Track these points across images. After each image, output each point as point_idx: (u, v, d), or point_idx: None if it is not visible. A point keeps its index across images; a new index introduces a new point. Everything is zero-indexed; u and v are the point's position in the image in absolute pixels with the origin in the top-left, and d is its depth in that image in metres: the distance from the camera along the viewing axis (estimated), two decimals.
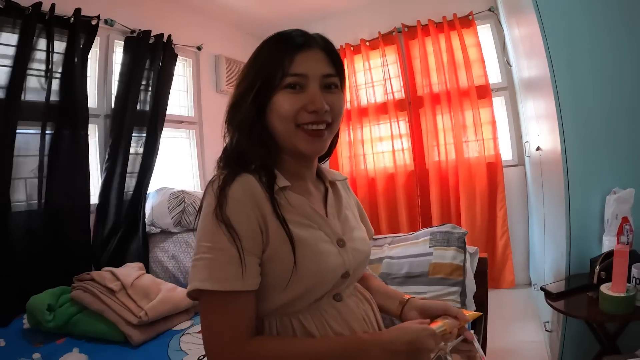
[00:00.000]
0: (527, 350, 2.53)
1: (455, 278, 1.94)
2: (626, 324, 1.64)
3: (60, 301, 1.88)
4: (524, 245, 3.57)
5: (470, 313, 1.07)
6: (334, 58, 0.94)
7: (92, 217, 2.54)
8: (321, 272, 0.88)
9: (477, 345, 1.00)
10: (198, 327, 1.87)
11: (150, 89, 2.88)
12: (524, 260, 3.58)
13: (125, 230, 2.63)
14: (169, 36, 3.05)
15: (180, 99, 3.48)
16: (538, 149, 2.50)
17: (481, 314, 1.06)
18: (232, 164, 0.92)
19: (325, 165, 1.12)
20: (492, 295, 2.41)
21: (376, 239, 2.33)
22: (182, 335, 1.81)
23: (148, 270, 2.40)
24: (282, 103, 0.88)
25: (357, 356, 0.84)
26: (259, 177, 0.88)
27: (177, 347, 1.71)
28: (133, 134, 2.74)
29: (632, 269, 1.52)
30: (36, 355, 1.64)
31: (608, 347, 1.67)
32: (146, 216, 2.69)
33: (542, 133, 2.39)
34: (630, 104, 1.75)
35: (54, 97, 2.33)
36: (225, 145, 0.96)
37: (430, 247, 2.08)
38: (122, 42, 2.85)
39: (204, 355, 1.56)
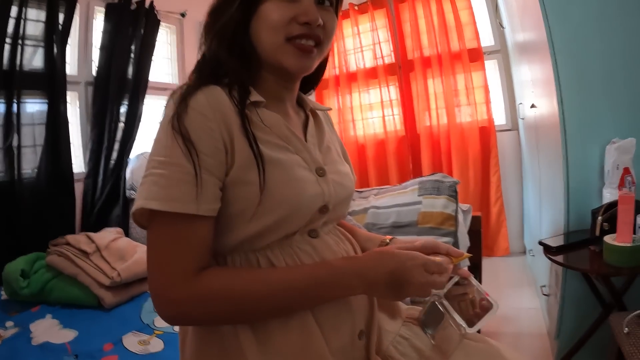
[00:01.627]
0: (524, 317, 2.48)
1: (446, 228, 1.84)
2: (633, 278, 1.55)
3: (35, 267, 1.82)
4: (518, 212, 3.51)
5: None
6: None
7: (79, 186, 2.50)
8: (295, 200, 0.75)
9: (475, 282, 0.89)
10: None
11: (132, 56, 2.81)
12: (519, 228, 3.53)
13: (106, 197, 2.58)
14: (151, 2, 2.94)
15: (164, 66, 3.39)
16: (533, 106, 2.41)
17: (471, 255, 0.95)
18: (204, 76, 0.80)
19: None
20: (487, 263, 2.35)
21: (361, 191, 2.24)
22: None
23: (128, 235, 2.34)
24: (271, 11, 0.78)
25: (329, 285, 0.74)
26: (229, 91, 0.76)
27: (150, 308, 1.65)
28: (116, 102, 2.68)
29: (638, 218, 1.42)
30: (9, 324, 1.59)
31: (614, 304, 1.57)
32: (126, 181, 2.62)
33: (536, 87, 2.31)
34: (628, 53, 1.66)
35: (35, 64, 2.26)
36: (200, 56, 0.85)
37: (419, 195, 1.99)
38: (103, 9, 2.75)
39: None
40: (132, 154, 2.76)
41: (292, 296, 0.73)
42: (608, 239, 1.43)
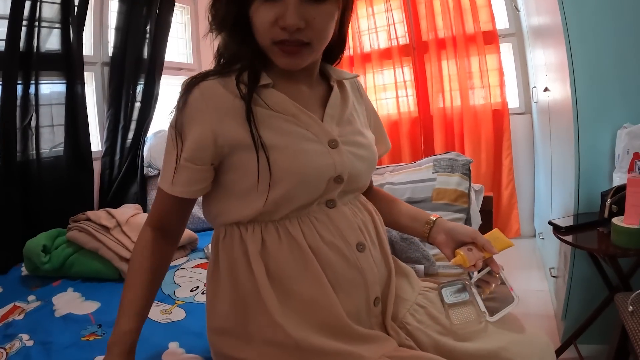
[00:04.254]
0: (532, 299, 2.51)
1: (460, 205, 1.87)
2: None
3: (56, 243, 1.84)
4: (529, 196, 3.51)
5: (503, 241, 0.99)
6: None
7: (97, 164, 2.55)
8: (302, 171, 0.80)
9: (503, 276, 0.93)
10: (193, 262, 1.85)
11: (147, 37, 2.82)
12: (529, 211, 3.53)
13: (124, 175, 2.62)
14: None
15: (179, 46, 3.41)
16: (546, 89, 2.41)
17: (513, 244, 0.98)
18: (222, 64, 0.88)
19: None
20: None
21: (377, 168, 2.27)
22: (177, 270, 1.78)
23: (145, 211, 2.35)
24: (256, 14, 0.78)
25: None
26: (238, 76, 0.82)
27: (170, 280, 1.69)
28: (132, 82, 2.71)
29: None
30: (31, 298, 1.62)
31: (621, 287, 1.59)
32: (144, 159, 2.66)
33: (550, 72, 2.30)
34: None
35: (52, 46, 2.27)
36: (218, 45, 0.89)
37: (433, 172, 2.01)
38: None
39: (196, 287, 1.58)
40: (150, 133, 2.79)
41: None
42: (616, 220, 1.45)
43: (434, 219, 1.03)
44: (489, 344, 0.87)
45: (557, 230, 1.67)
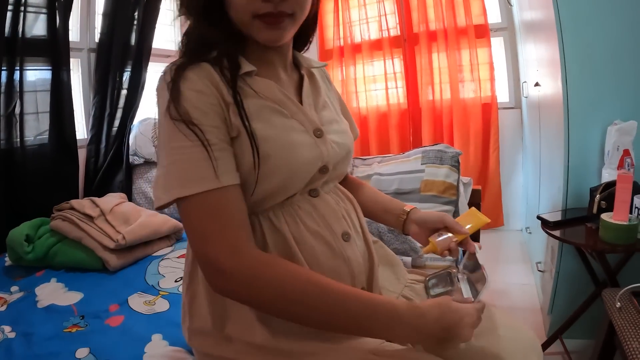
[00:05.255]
0: (518, 292, 2.54)
1: (448, 197, 1.87)
2: (628, 258, 1.59)
3: (40, 232, 1.80)
4: (516, 190, 3.54)
5: (479, 218, 0.96)
6: None
7: (82, 152, 2.48)
8: (293, 165, 0.78)
9: (477, 256, 0.90)
10: (178, 252, 1.83)
11: (135, 23, 2.75)
12: (516, 205, 3.55)
13: (109, 164, 2.58)
14: None
15: (166, 33, 3.34)
16: (537, 84, 2.41)
17: (489, 220, 0.96)
18: (191, 51, 0.80)
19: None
20: (484, 239, 2.39)
21: (365, 159, 2.27)
22: (162, 260, 1.76)
23: (131, 201, 2.35)
24: None
25: (382, 326, 0.71)
26: (220, 66, 0.77)
27: (155, 271, 1.67)
28: (119, 69, 2.65)
29: (635, 199, 1.46)
30: (14, 289, 1.59)
31: (607, 282, 1.61)
32: (129, 147, 2.62)
33: (541, 67, 2.31)
34: (635, 37, 1.67)
35: (38, 32, 2.20)
36: (185, 30, 0.83)
37: (422, 164, 2.01)
38: None
39: (181, 278, 1.51)
40: (136, 121, 2.74)
41: (339, 313, 0.70)
42: (605, 216, 1.47)
43: (408, 209, 1.01)
44: (475, 339, 0.86)
45: (546, 224, 1.68)
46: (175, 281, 1.57)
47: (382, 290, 0.93)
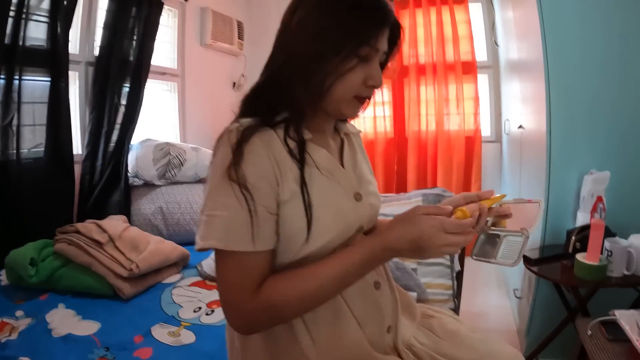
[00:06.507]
0: (495, 315, 2.71)
1: None
2: (596, 290, 1.79)
3: (43, 255, 1.78)
4: None
5: (495, 197, 0.96)
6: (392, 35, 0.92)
7: (77, 167, 2.42)
8: (340, 228, 0.87)
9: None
10: (189, 280, 1.87)
11: (135, 38, 2.73)
12: None
13: (106, 182, 2.53)
14: None
15: (164, 50, 3.32)
16: (520, 127, 2.57)
17: (505, 195, 0.96)
18: (253, 109, 0.87)
19: None
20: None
21: None
22: (174, 288, 1.79)
23: (130, 223, 2.34)
24: (351, 72, 0.84)
25: (365, 265, 0.83)
26: (283, 132, 0.84)
27: (169, 299, 1.69)
28: (117, 84, 2.61)
29: (605, 242, 1.66)
30: (19, 313, 1.56)
31: (578, 309, 1.82)
32: (129, 167, 2.60)
33: (526, 112, 2.48)
34: (613, 93, 1.86)
35: (37, 41, 2.16)
36: (255, 83, 0.90)
37: None
38: None
39: (199, 308, 1.63)
40: (134, 139, 2.71)
41: (337, 284, 0.83)
42: (579, 256, 1.69)
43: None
44: (474, 354, 1.00)
45: (528, 262, 1.87)
46: (194, 311, 1.59)
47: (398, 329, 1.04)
